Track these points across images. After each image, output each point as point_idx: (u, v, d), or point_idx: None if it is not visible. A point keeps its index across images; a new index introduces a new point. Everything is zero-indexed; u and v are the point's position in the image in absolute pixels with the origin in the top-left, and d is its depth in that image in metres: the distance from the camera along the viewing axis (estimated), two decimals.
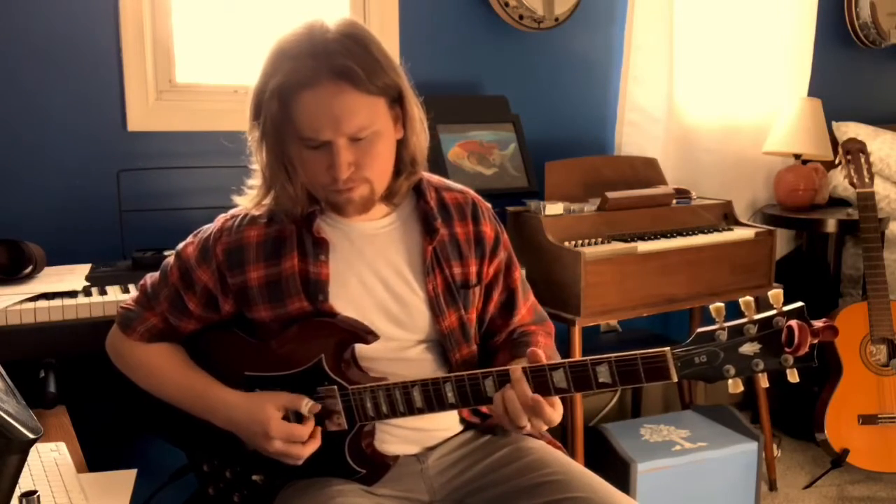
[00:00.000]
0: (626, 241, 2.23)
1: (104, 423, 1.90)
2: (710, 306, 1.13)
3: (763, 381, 1.14)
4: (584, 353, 2.16)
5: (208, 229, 1.37)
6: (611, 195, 2.28)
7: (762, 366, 1.11)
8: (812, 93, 3.06)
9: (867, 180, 2.55)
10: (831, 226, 2.82)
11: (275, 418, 1.23)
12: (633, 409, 2.95)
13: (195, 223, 1.43)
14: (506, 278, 1.43)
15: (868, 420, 2.49)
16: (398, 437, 1.33)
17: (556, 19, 2.57)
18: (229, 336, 1.36)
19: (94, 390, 1.73)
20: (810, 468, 2.72)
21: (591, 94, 2.78)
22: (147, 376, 1.38)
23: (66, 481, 1.23)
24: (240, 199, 1.35)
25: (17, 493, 0.89)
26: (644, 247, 2.20)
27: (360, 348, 1.30)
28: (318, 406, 1.25)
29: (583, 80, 2.76)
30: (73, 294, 1.68)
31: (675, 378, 1.13)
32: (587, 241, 2.19)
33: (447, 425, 1.39)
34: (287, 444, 1.23)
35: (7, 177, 1.98)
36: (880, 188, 2.99)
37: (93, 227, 2.03)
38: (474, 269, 1.38)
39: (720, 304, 1.12)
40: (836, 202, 3.09)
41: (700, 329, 1.14)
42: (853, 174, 2.55)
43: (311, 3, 2.34)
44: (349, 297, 1.31)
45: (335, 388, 1.26)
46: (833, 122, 3.15)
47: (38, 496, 0.95)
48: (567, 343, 2.14)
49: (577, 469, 1.31)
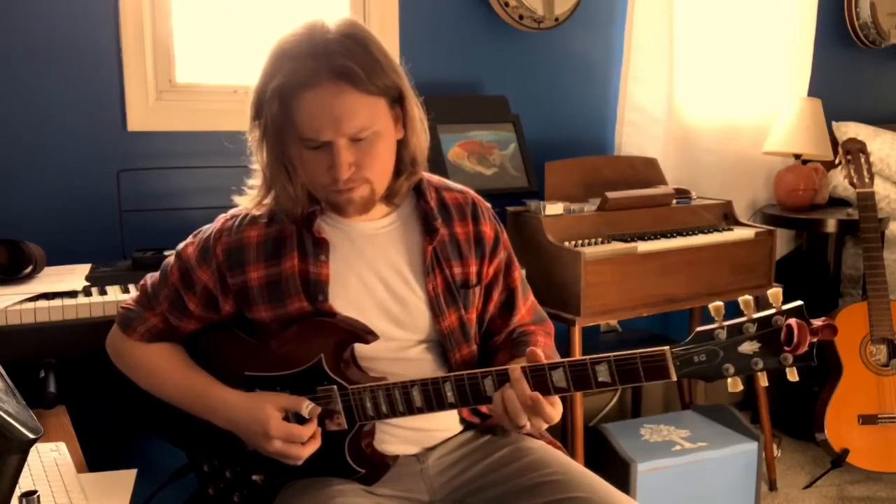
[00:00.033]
0: (626, 241, 2.23)
1: (104, 423, 1.90)
2: (710, 305, 1.12)
3: (762, 379, 1.14)
4: (584, 353, 2.16)
5: (208, 229, 1.37)
6: (611, 195, 2.28)
7: (761, 364, 1.11)
8: (812, 93, 3.06)
9: (867, 180, 2.55)
10: (831, 226, 2.82)
11: (275, 418, 1.23)
12: (633, 409, 2.95)
13: (195, 223, 1.43)
14: (506, 278, 1.43)
15: (868, 420, 2.49)
16: (398, 438, 1.33)
17: (556, 19, 2.56)
18: (229, 336, 1.36)
19: (94, 390, 1.73)
20: (810, 468, 2.72)
21: (591, 94, 2.78)
22: (147, 376, 1.38)
23: (66, 481, 1.22)
24: (240, 199, 1.36)
25: (17, 493, 0.89)
26: (644, 247, 2.20)
27: (359, 348, 1.30)
28: (319, 409, 1.25)
29: (583, 80, 2.76)
30: (73, 294, 1.68)
31: (675, 377, 1.13)
32: (587, 241, 2.19)
33: (447, 425, 1.39)
34: (286, 444, 1.23)
35: (7, 177, 1.98)
36: (880, 188, 2.99)
37: (93, 227, 2.03)
38: (474, 270, 1.38)
39: (719, 302, 1.12)
40: (836, 202, 3.09)
41: (699, 328, 1.13)
42: (853, 174, 2.55)
43: (311, 3, 2.34)
44: (349, 298, 1.31)
45: (335, 387, 1.26)
46: (833, 122, 3.15)
47: (38, 496, 0.95)
48: (567, 343, 2.14)
49: (577, 469, 1.31)
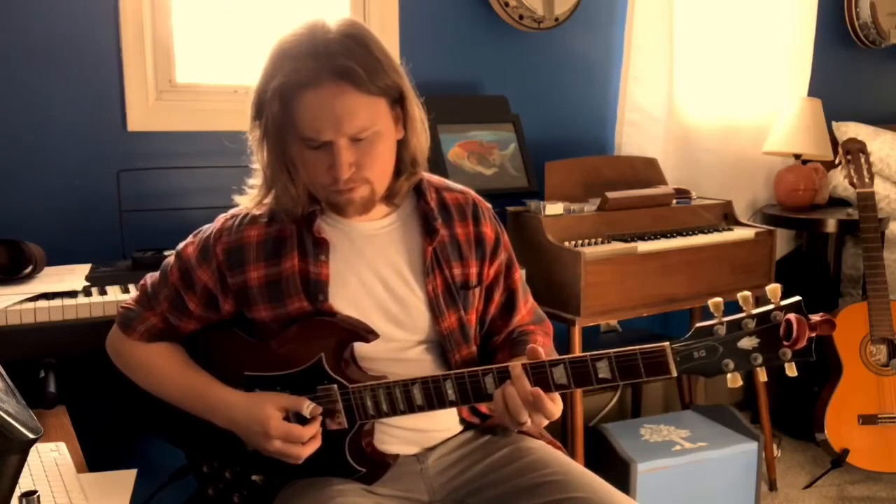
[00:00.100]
0: (626, 241, 2.23)
1: (104, 423, 1.90)
2: (709, 301, 1.13)
3: (762, 375, 1.14)
4: (583, 352, 2.16)
5: (208, 229, 1.37)
6: (611, 195, 2.28)
7: (761, 360, 1.12)
8: (812, 93, 3.06)
9: (867, 180, 2.55)
10: (831, 226, 2.82)
11: (274, 417, 1.23)
12: (633, 409, 2.95)
13: (195, 223, 1.43)
14: (506, 279, 1.43)
15: (868, 420, 2.49)
16: (398, 438, 1.33)
17: (556, 19, 2.56)
18: (229, 336, 1.36)
19: (94, 390, 1.73)
20: (810, 468, 2.72)
21: (591, 94, 2.78)
22: (147, 376, 1.38)
23: (66, 481, 1.22)
24: (240, 199, 1.36)
25: (17, 493, 0.89)
26: (644, 247, 2.20)
27: (359, 349, 1.30)
28: (320, 408, 1.25)
29: (583, 80, 2.76)
30: (73, 294, 1.68)
31: (675, 372, 1.14)
32: (587, 241, 2.19)
33: (447, 426, 1.39)
34: (286, 443, 1.23)
35: (7, 177, 1.98)
36: (880, 188, 2.99)
37: (93, 227, 2.03)
38: (474, 271, 1.38)
39: (719, 298, 1.13)
40: (836, 202, 3.09)
41: (699, 324, 1.14)
42: (853, 174, 2.55)
43: (311, 3, 2.34)
44: (349, 297, 1.30)
45: (335, 386, 1.26)
46: (833, 122, 3.15)
47: (38, 496, 0.95)
48: (567, 343, 2.14)
49: (577, 469, 1.31)
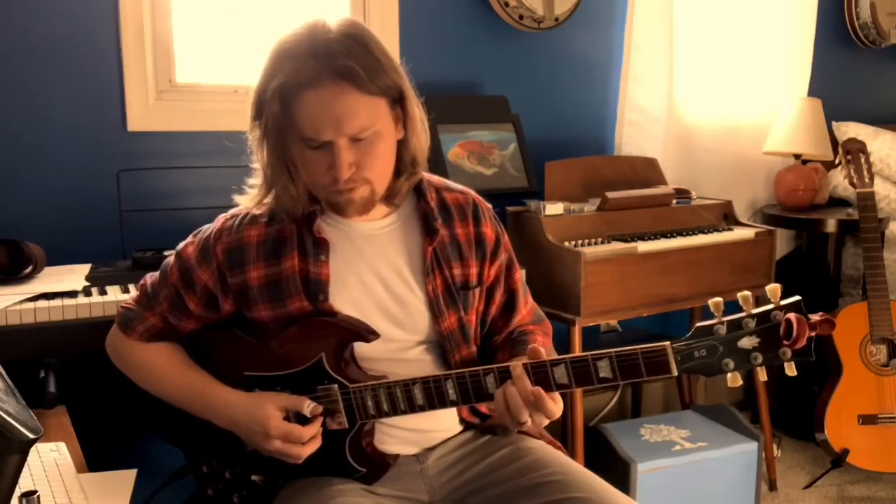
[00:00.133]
0: (626, 241, 2.23)
1: (104, 423, 1.90)
2: (709, 301, 1.13)
3: (762, 374, 1.14)
4: (583, 352, 2.16)
5: (208, 229, 1.37)
6: (611, 195, 2.28)
7: (761, 359, 1.12)
8: (812, 93, 3.06)
9: (867, 180, 2.55)
10: (831, 226, 2.82)
11: (274, 417, 1.23)
12: (633, 409, 2.94)
13: (195, 223, 1.43)
14: (506, 280, 1.43)
15: (868, 420, 2.49)
16: (397, 438, 1.33)
17: (556, 19, 2.56)
18: (229, 336, 1.36)
19: (94, 390, 1.73)
20: (810, 468, 2.72)
21: (591, 94, 2.78)
22: (147, 376, 1.38)
23: (66, 481, 1.22)
24: (240, 199, 1.36)
25: (17, 493, 0.89)
26: (644, 247, 2.20)
27: (359, 349, 1.30)
28: (321, 408, 1.25)
29: (583, 80, 2.76)
30: (73, 294, 1.68)
31: (676, 372, 1.14)
32: (587, 241, 2.19)
33: (447, 426, 1.39)
34: (286, 443, 1.23)
35: (7, 177, 1.98)
36: (880, 188, 2.99)
37: (93, 227, 2.03)
38: (475, 271, 1.38)
39: (719, 298, 1.13)
40: (836, 202, 3.09)
41: (699, 323, 1.14)
42: (853, 174, 2.55)
43: (311, 3, 2.34)
44: (349, 297, 1.30)
45: (336, 386, 1.26)
46: (833, 122, 3.15)
47: (38, 496, 0.95)
48: (567, 343, 2.14)
49: (576, 469, 1.31)
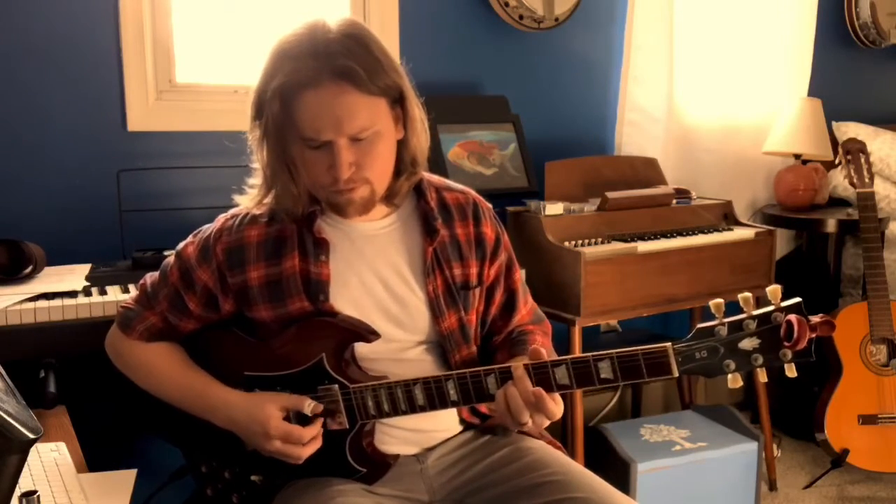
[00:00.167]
0: (626, 241, 2.23)
1: (104, 423, 1.90)
2: (710, 302, 1.13)
3: (762, 375, 1.15)
4: (584, 353, 2.16)
5: (208, 229, 1.37)
6: (611, 195, 2.28)
7: (761, 360, 1.12)
8: (812, 93, 3.06)
9: (867, 180, 2.55)
10: (831, 226, 2.82)
11: (275, 417, 1.23)
12: (633, 409, 2.94)
13: (195, 223, 1.43)
14: (506, 280, 1.43)
15: (868, 420, 2.49)
16: (397, 438, 1.33)
17: (556, 19, 2.56)
18: (229, 335, 1.36)
19: (94, 390, 1.73)
20: (810, 468, 2.72)
21: (591, 94, 2.78)
22: (146, 376, 1.38)
23: (66, 481, 1.22)
24: (240, 199, 1.36)
25: (17, 493, 0.89)
26: (644, 247, 2.20)
27: (359, 349, 1.30)
28: (321, 406, 1.25)
29: (583, 80, 2.76)
30: (73, 294, 1.68)
31: (677, 373, 1.14)
32: (587, 241, 2.19)
33: (447, 426, 1.39)
34: (286, 444, 1.23)
35: (7, 177, 1.98)
36: (880, 188, 2.99)
37: (93, 227, 2.03)
38: (475, 271, 1.38)
39: (720, 300, 1.13)
40: (836, 202, 3.09)
41: (700, 325, 1.14)
42: (853, 174, 2.55)
43: (311, 3, 2.34)
44: (350, 298, 1.30)
45: (336, 386, 1.26)
46: (833, 122, 3.15)
47: (38, 496, 0.95)
48: (567, 343, 2.14)
49: (576, 469, 1.31)
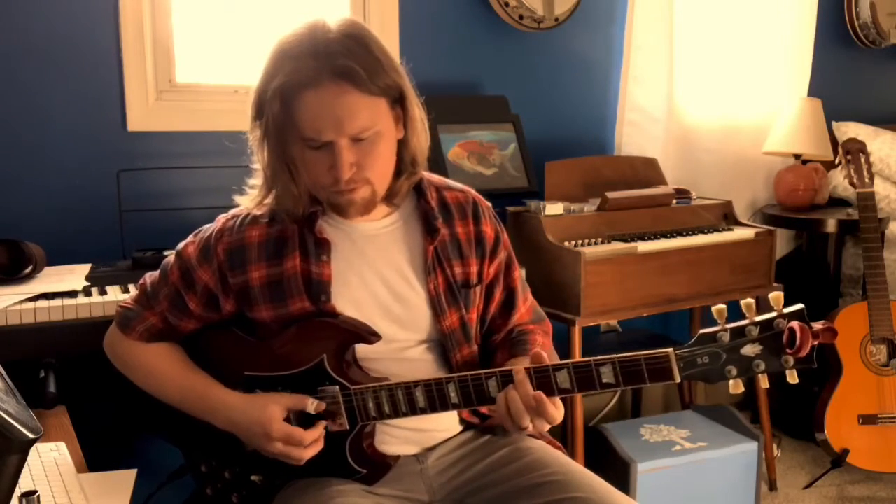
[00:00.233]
0: (626, 241, 2.23)
1: (104, 423, 1.90)
2: (713, 308, 1.14)
3: (763, 381, 1.16)
4: (584, 353, 2.16)
5: (209, 229, 1.37)
6: (611, 195, 2.28)
7: (763, 367, 1.13)
8: (812, 93, 3.06)
9: (867, 180, 2.55)
10: (831, 226, 2.82)
11: (276, 420, 1.23)
12: (633, 409, 2.94)
13: (195, 223, 1.43)
14: (506, 278, 1.44)
15: (868, 420, 2.49)
16: (398, 438, 1.33)
17: (556, 19, 2.56)
18: (229, 336, 1.36)
19: (94, 390, 1.73)
20: (810, 468, 2.72)
21: (591, 94, 2.78)
22: (146, 377, 1.38)
23: (66, 481, 1.22)
24: (241, 199, 1.36)
25: (17, 493, 0.89)
26: (644, 247, 2.20)
27: (360, 349, 1.30)
28: (324, 405, 1.25)
29: (583, 80, 2.75)
30: (73, 294, 1.68)
31: (678, 379, 1.14)
32: (587, 241, 2.19)
33: (447, 426, 1.39)
34: (287, 445, 1.23)
35: (7, 177, 1.98)
36: (880, 188, 2.99)
37: (93, 227, 2.03)
38: (475, 269, 1.38)
39: (723, 305, 1.14)
40: (836, 202, 3.09)
41: (702, 330, 1.15)
42: (853, 174, 2.55)
43: (311, 3, 2.34)
44: (351, 298, 1.30)
45: (337, 388, 1.26)
46: (833, 122, 3.15)
47: (38, 496, 0.95)
48: (567, 343, 2.14)
49: (576, 469, 1.31)
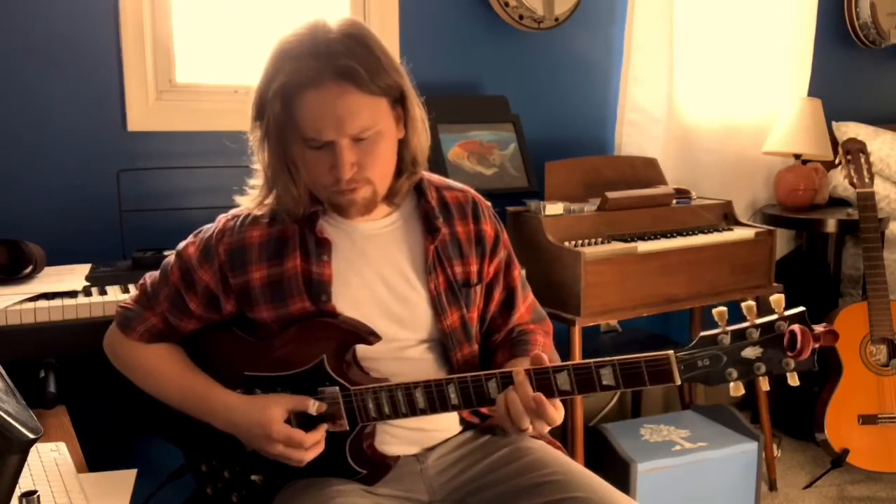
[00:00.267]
0: (626, 241, 2.23)
1: (104, 423, 1.90)
2: (714, 311, 1.14)
3: (764, 384, 1.15)
4: (584, 353, 2.16)
5: (210, 229, 1.37)
6: (611, 195, 2.28)
7: (764, 369, 1.13)
8: (812, 93, 3.06)
9: (867, 180, 2.55)
10: (831, 226, 2.82)
11: (277, 421, 1.23)
12: (633, 410, 2.94)
13: (195, 223, 1.43)
14: (505, 277, 1.44)
15: (868, 420, 2.49)
16: (398, 438, 1.33)
17: (556, 19, 2.56)
18: (229, 336, 1.36)
19: (94, 390, 1.73)
20: (810, 468, 2.72)
21: (591, 94, 2.78)
22: (146, 377, 1.38)
23: (66, 481, 1.22)
24: (241, 199, 1.36)
25: (17, 493, 0.89)
26: (644, 247, 2.20)
27: (361, 348, 1.30)
28: (325, 406, 1.25)
29: (583, 80, 2.75)
30: (73, 294, 1.68)
31: (679, 381, 1.14)
32: (587, 241, 2.19)
33: (447, 426, 1.39)
34: (288, 447, 1.23)
35: (7, 177, 1.98)
36: (880, 188, 2.99)
37: (93, 227, 2.03)
38: (475, 269, 1.38)
39: (723, 308, 1.13)
40: (836, 202, 3.09)
41: (703, 333, 1.15)
42: (853, 174, 2.55)
43: (311, 3, 2.34)
44: (352, 298, 1.30)
45: (337, 389, 1.26)
46: (833, 122, 3.15)
47: (38, 496, 0.95)
48: (567, 343, 2.14)
49: (576, 469, 1.31)
